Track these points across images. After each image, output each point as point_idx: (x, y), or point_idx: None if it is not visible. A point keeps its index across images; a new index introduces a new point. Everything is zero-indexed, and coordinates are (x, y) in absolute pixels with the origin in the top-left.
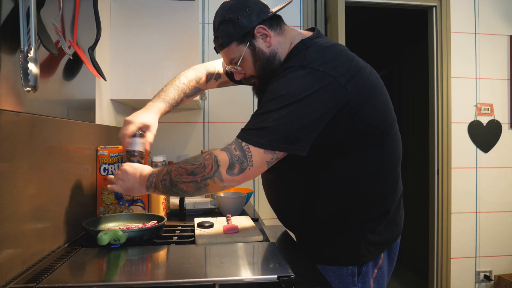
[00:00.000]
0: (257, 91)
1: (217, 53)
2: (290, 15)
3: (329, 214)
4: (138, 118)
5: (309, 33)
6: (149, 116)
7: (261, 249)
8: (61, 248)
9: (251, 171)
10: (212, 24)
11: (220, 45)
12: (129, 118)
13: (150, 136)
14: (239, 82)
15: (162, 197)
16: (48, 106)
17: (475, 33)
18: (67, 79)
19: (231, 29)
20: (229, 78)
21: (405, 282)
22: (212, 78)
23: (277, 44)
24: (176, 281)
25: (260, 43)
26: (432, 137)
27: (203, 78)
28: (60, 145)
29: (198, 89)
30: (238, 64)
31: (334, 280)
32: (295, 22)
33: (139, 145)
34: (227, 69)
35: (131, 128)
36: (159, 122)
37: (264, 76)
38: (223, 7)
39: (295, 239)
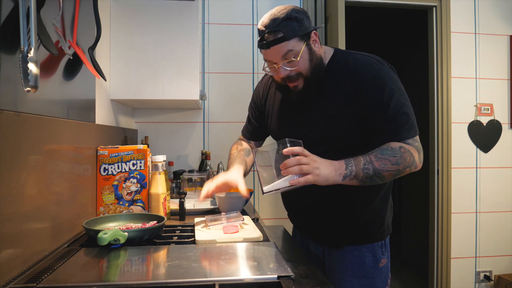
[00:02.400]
0: (299, 93)
1: (268, 47)
2: None
3: (373, 204)
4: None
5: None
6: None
7: (261, 249)
8: (61, 248)
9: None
10: (212, 24)
11: (281, 38)
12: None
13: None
14: (262, 137)
15: (162, 197)
16: (48, 106)
17: (475, 33)
18: (67, 79)
19: (295, 26)
20: (253, 137)
21: (405, 282)
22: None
23: (321, 52)
24: (176, 281)
25: (313, 46)
26: (432, 137)
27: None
28: (60, 145)
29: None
30: (297, 58)
31: (368, 254)
32: None
33: None
34: (276, 66)
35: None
36: (159, 122)
37: (312, 77)
38: (286, 8)
39: (314, 234)
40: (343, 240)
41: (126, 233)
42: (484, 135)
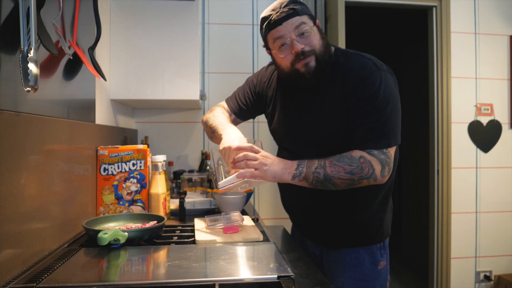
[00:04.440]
0: (313, 72)
1: (281, 23)
2: None
3: (372, 206)
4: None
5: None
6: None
7: (261, 249)
8: (61, 248)
9: (391, 168)
10: (212, 24)
11: (294, 13)
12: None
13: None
14: (246, 118)
15: (162, 197)
16: (48, 106)
17: (475, 33)
18: (67, 79)
19: (304, 6)
20: (238, 115)
21: (405, 282)
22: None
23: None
24: (176, 281)
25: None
26: (432, 137)
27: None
28: (60, 145)
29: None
30: (307, 33)
31: (366, 257)
32: None
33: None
34: (290, 39)
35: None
36: (159, 122)
37: (323, 56)
38: None
39: (312, 237)
40: (341, 242)
41: (126, 233)
42: (484, 135)
